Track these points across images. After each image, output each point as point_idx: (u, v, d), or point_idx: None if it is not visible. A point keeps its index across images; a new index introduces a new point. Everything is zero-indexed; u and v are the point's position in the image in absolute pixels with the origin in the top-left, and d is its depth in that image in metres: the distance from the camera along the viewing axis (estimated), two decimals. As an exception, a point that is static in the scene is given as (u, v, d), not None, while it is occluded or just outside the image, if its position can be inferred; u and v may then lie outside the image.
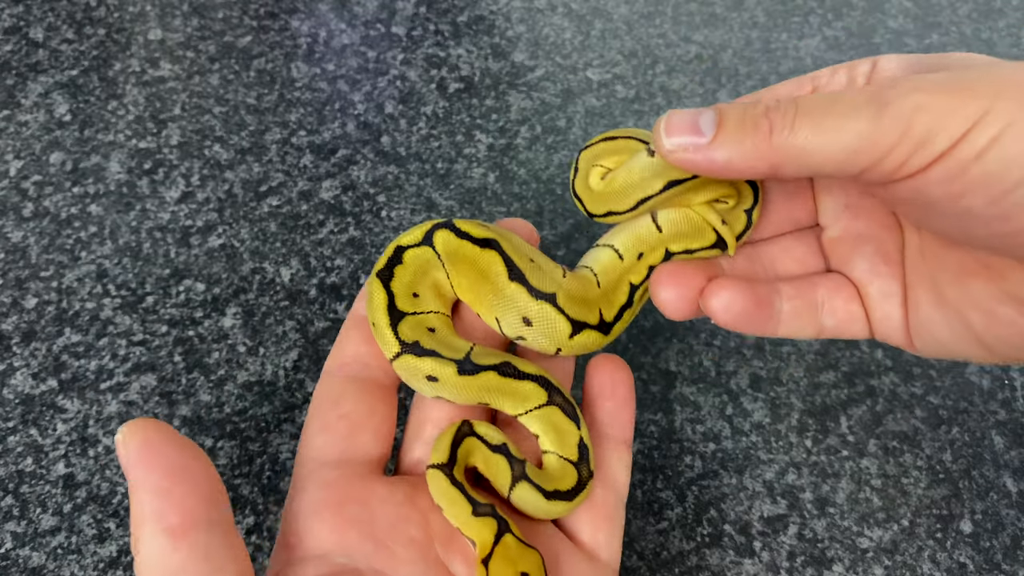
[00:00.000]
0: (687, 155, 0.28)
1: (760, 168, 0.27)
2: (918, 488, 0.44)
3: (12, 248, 0.51)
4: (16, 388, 0.45)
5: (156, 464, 0.24)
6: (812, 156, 0.26)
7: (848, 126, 0.25)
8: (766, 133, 0.26)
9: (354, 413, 0.31)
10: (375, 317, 0.32)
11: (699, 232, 0.33)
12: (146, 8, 0.64)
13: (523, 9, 0.66)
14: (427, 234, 0.32)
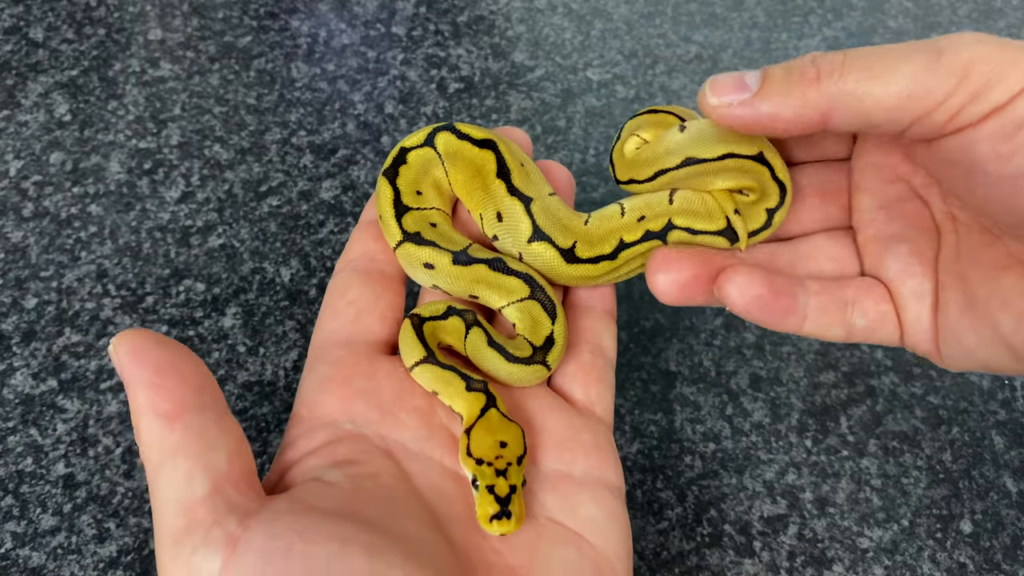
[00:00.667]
0: (733, 111, 0.27)
1: (809, 117, 0.26)
2: (918, 488, 0.44)
3: (12, 248, 0.51)
4: (16, 388, 0.45)
5: (146, 362, 0.26)
6: (863, 101, 0.25)
7: (902, 69, 0.25)
8: (814, 79, 0.26)
9: (360, 299, 0.33)
10: (382, 210, 0.34)
11: (709, 214, 0.33)
12: (146, 8, 0.64)
13: (523, 9, 0.66)
14: (429, 135, 0.34)
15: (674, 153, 0.32)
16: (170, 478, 0.25)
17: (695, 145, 0.31)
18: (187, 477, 0.25)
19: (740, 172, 0.32)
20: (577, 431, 0.33)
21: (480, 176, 0.34)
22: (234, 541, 0.24)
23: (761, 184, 0.32)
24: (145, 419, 0.26)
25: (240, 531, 0.24)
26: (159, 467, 0.25)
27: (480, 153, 0.34)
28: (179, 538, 0.24)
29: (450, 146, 0.34)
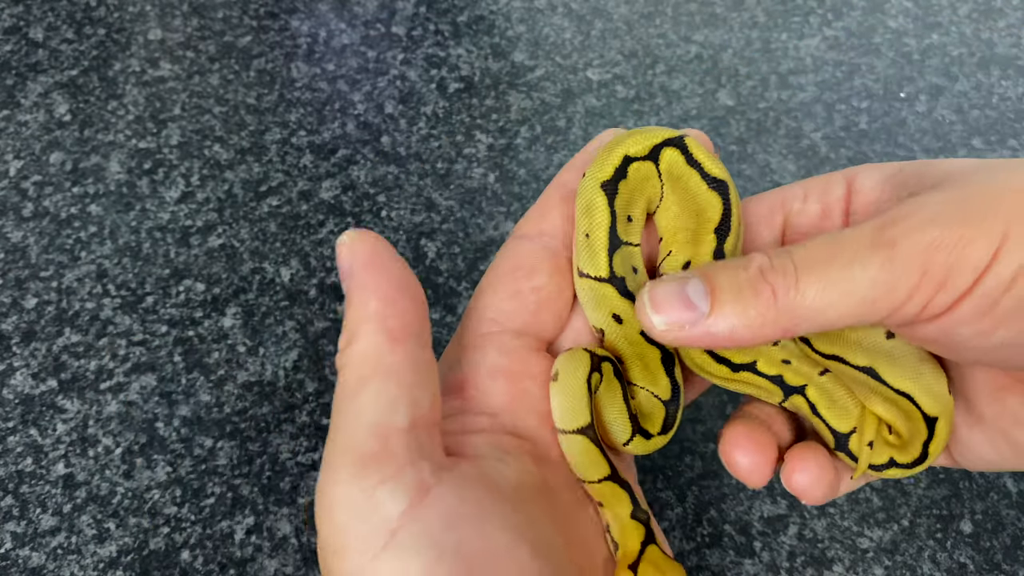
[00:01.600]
0: (683, 333, 0.25)
1: (770, 334, 0.25)
2: (918, 488, 0.44)
3: (12, 248, 0.51)
4: (16, 388, 0.45)
5: (384, 272, 0.25)
6: (826, 314, 0.24)
7: (859, 276, 0.23)
8: (769, 298, 0.24)
9: (546, 288, 0.30)
10: (595, 234, 0.30)
11: (845, 414, 0.30)
12: (146, 8, 0.64)
13: (523, 9, 0.66)
14: (655, 148, 0.30)
15: (863, 352, 0.29)
16: (376, 398, 0.24)
17: (888, 364, 0.29)
18: (392, 403, 0.24)
19: (901, 414, 0.29)
20: None
21: (696, 219, 0.30)
22: (425, 489, 0.23)
23: (910, 437, 0.30)
24: (369, 328, 0.24)
25: (433, 481, 0.24)
26: (365, 382, 0.24)
27: (708, 194, 0.30)
28: (367, 463, 0.23)
29: (676, 169, 0.30)
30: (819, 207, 0.30)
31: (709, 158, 0.30)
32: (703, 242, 0.30)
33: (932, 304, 0.23)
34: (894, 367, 0.29)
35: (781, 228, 0.31)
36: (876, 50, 0.65)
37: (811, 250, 0.24)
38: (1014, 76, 0.63)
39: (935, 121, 0.60)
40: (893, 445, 0.30)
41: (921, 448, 0.29)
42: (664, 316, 0.25)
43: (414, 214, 0.54)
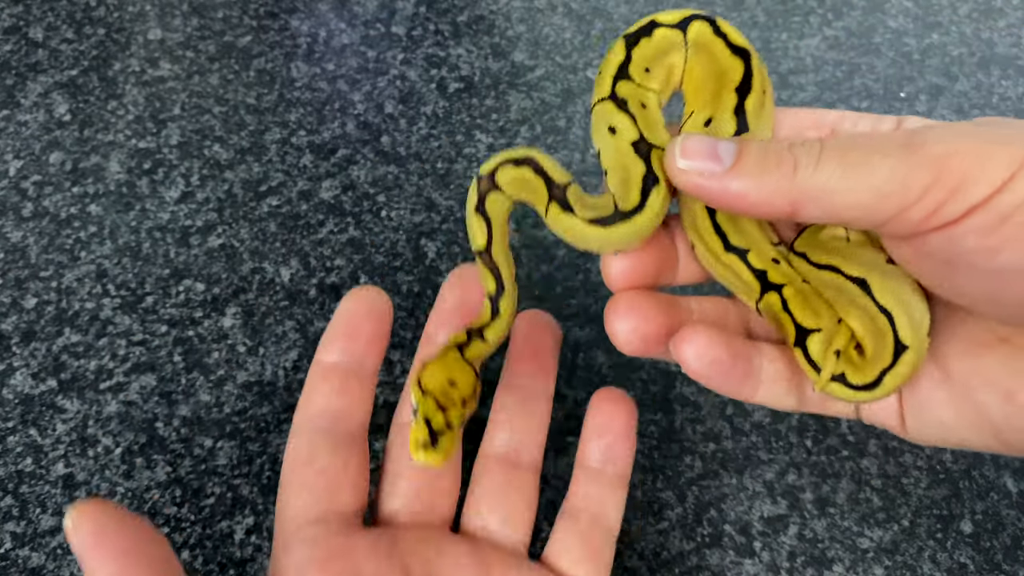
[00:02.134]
0: (700, 180, 0.26)
1: (778, 205, 0.25)
2: (918, 488, 0.44)
3: (11, 248, 0.51)
4: (15, 388, 0.45)
5: (110, 549, 0.26)
6: (836, 197, 0.24)
7: (877, 164, 0.24)
8: (789, 168, 0.25)
9: (330, 468, 0.32)
10: (603, 66, 0.32)
11: (815, 315, 0.30)
12: (146, 8, 0.64)
13: (523, 9, 0.66)
14: (685, 19, 0.32)
15: (859, 265, 0.29)
16: None
17: (880, 279, 0.29)
18: None
19: (875, 332, 0.29)
20: None
21: (718, 80, 0.31)
22: None
23: (872, 359, 0.29)
24: None
25: None
26: None
27: (731, 59, 0.31)
28: None
29: (703, 37, 0.31)
30: (869, 129, 0.30)
31: (735, 32, 0.31)
32: (724, 100, 0.30)
33: (941, 211, 0.23)
34: (885, 283, 0.29)
35: (828, 135, 0.31)
36: (876, 50, 0.65)
37: (842, 140, 0.25)
38: (1014, 76, 0.63)
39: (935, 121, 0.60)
40: (852, 362, 0.29)
41: (878, 374, 0.29)
42: (688, 160, 0.26)
43: (414, 214, 0.54)
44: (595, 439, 0.35)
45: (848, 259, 0.29)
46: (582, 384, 0.47)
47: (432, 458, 0.28)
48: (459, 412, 0.30)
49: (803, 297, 0.30)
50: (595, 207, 0.30)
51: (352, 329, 0.34)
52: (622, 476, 0.35)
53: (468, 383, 0.31)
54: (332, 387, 0.33)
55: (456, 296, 0.37)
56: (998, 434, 0.28)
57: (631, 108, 0.31)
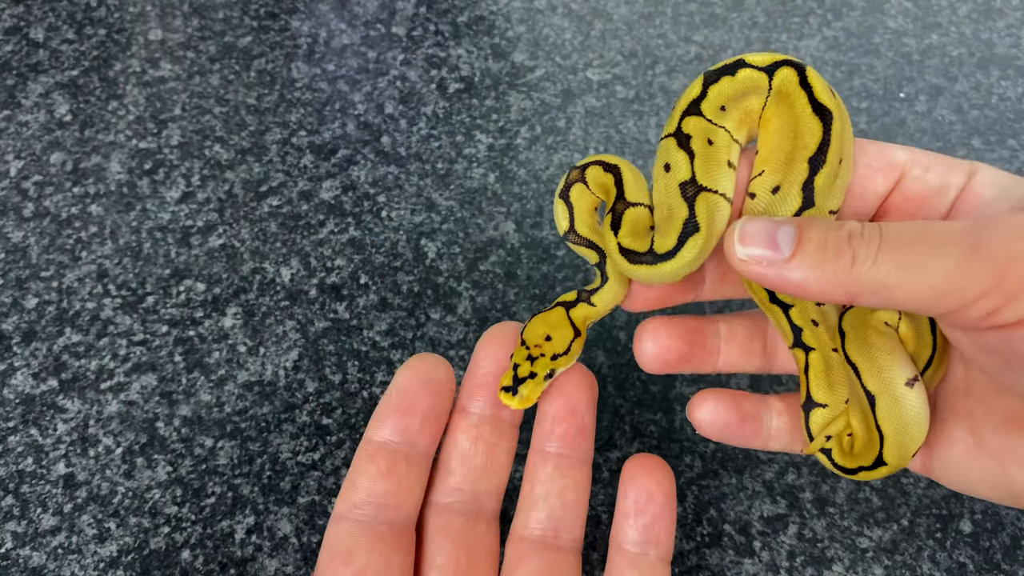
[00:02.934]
0: (759, 268, 0.26)
1: (836, 295, 0.25)
2: (918, 488, 0.44)
3: (12, 248, 0.51)
4: (16, 388, 0.45)
5: None
6: (893, 292, 0.24)
7: (935, 265, 0.23)
8: (848, 261, 0.24)
9: (368, 568, 0.29)
10: (678, 102, 0.31)
11: (830, 388, 0.32)
12: (146, 8, 0.64)
13: (523, 9, 0.66)
14: (774, 64, 0.31)
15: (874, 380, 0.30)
16: None
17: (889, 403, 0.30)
18: None
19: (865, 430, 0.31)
20: None
21: (793, 141, 0.30)
22: None
23: (864, 446, 0.31)
24: None
25: None
26: None
27: (811, 119, 0.29)
28: None
29: (787, 86, 0.30)
30: (938, 183, 0.29)
31: (823, 86, 0.29)
32: (795, 170, 0.29)
33: (998, 314, 0.23)
34: (891, 410, 0.29)
35: (895, 183, 0.30)
36: (876, 50, 0.65)
37: (902, 229, 0.25)
38: (1013, 76, 0.63)
39: (935, 121, 0.60)
40: (840, 445, 0.32)
41: (856, 467, 0.31)
42: (747, 248, 0.26)
43: (414, 214, 0.54)
44: (632, 518, 0.32)
45: (871, 365, 0.30)
46: (582, 384, 0.47)
47: (510, 401, 0.30)
48: (547, 365, 0.31)
49: (825, 368, 0.32)
50: (637, 236, 0.31)
51: (407, 404, 0.31)
52: (664, 559, 0.32)
53: (565, 339, 0.32)
54: (378, 469, 0.31)
55: (491, 361, 0.34)
56: (1018, 500, 0.29)
57: (693, 145, 0.30)
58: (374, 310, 0.49)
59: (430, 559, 0.31)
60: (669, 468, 0.33)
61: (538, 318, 0.33)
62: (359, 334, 0.48)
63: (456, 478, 0.33)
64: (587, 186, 0.33)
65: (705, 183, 0.30)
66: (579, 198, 0.33)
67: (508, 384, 0.31)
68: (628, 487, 0.32)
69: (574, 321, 0.33)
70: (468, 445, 0.33)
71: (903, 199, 0.30)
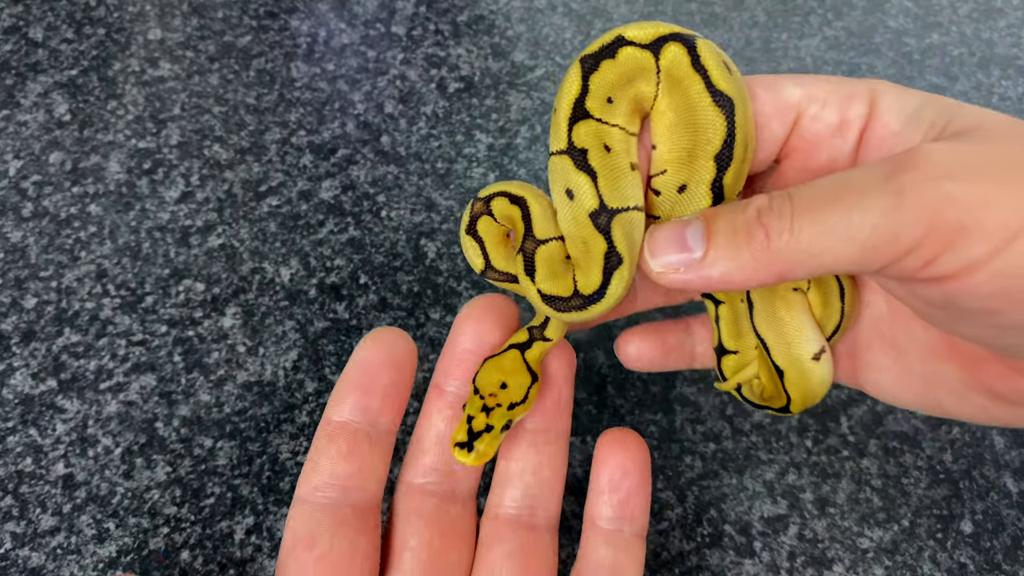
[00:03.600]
0: (678, 276, 0.25)
1: (763, 279, 0.24)
2: (918, 488, 0.44)
3: (11, 248, 0.51)
4: (15, 388, 0.45)
5: None
6: (820, 259, 0.22)
7: (858, 220, 0.21)
8: (763, 241, 0.23)
9: (332, 553, 0.28)
10: (557, 102, 0.28)
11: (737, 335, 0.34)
12: (146, 8, 0.64)
13: (523, 9, 0.66)
14: (658, 40, 0.27)
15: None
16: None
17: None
18: None
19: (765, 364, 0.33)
20: None
21: (694, 137, 0.27)
22: None
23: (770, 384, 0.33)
24: None
25: None
26: None
27: (711, 110, 0.26)
28: None
29: (678, 68, 0.26)
30: (837, 118, 0.27)
31: (719, 67, 0.26)
32: (701, 168, 0.27)
33: (937, 264, 0.21)
34: (765, 309, 0.31)
35: (791, 126, 0.28)
36: (876, 50, 0.65)
37: (813, 191, 0.23)
38: (1014, 76, 0.63)
39: (935, 121, 0.60)
40: (751, 388, 0.34)
41: (763, 404, 0.33)
42: (660, 258, 0.25)
43: (414, 214, 0.54)
44: (607, 494, 0.31)
45: (780, 341, 0.31)
46: (582, 384, 0.47)
47: (466, 459, 0.28)
48: (504, 416, 0.29)
49: (733, 318, 0.33)
50: (556, 278, 0.28)
51: (367, 381, 0.30)
52: (639, 534, 0.31)
53: (521, 387, 0.30)
54: (340, 451, 0.29)
55: (470, 337, 0.32)
56: (951, 415, 0.29)
57: (592, 162, 0.27)
58: (374, 310, 0.49)
59: (402, 541, 0.30)
60: (644, 443, 0.32)
61: (491, 364, 0.30)
62: (359, 334, 0.48)
63: (430, 458, 0.31)
64: (494, 218, 0.31)
65: (615, 204, 0.27)
66: (487, 231, 0.31)
67: (462, 440, 0.28)
68: (602, 463, 0.31)
69: (530, 364, 0.31)
70: (443, 426, 0.32)
71: (803, 141, 0.28)
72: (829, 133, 0.27)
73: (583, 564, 0.31)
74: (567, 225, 0.28)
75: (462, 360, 0.32)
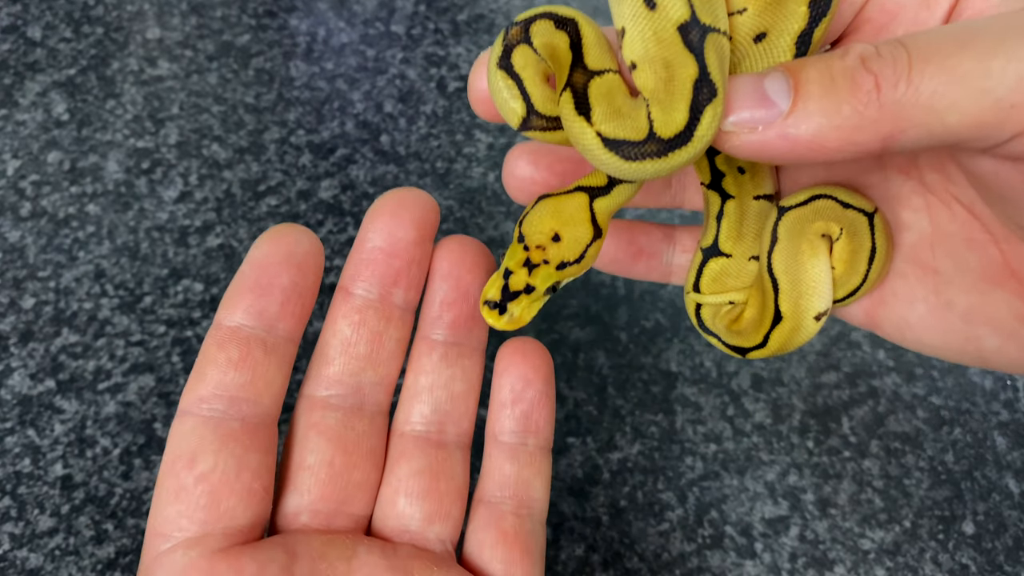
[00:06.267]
0: (754, 137, 0.20)
1: (867, 140, 0.19)
2: (920, 489, 0.44)
3: (10, 248, 0.50)
4: (14, 389, 0.45)
5: None
6: (944, 116, 0.18)
7: (1000, 69, 0.17)
8: (872, 91, 0.18)
9: (215, 472, 0.25)
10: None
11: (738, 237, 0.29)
12: (144, 7, 0.64)
13: (523, 8, 0.66)
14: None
15: None
16: None
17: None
18: None
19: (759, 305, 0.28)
20: None
21: None
22: None
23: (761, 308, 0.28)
24: None
25: None
26: None
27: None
28: None
29: None
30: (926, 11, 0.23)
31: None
32: (790, 13, 0.22)
33: None
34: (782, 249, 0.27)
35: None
36: (877, 49, 0.65)
37: (933, 37, 0.19)
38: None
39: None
40: (731, 329, 0.29)
41: (762, 337, 0.28)
42: (734, 116, 0.20)
43: (414, 214, 0.53)
44: (509, 407, 0.29)
45: (792, 289, 0.27)
46: (582, 384, 0.47)
47: (496, 321, 0.24)
48: (550, 276, 0.24)
49: (740, 217, 0.28)
50: (622, 116, 0.22)
51: (264, 281, 0.26)
52: (544, 447, 0.29)
53: (579, 241, 0.24)
54: (229, 358, 0.26)
55: (381, 235, 0.29)
56: (983, 360, 0.26)
57: None
58: (373, 310, 0.49)
59: (300, 458, 0.27)
60: (547, 352, 0.29)
61: (547, 205, 0.25)
62: (358, 334, 0.48)
63: (334, 368, 0.28)
64: (533, 49, 0.24)
65: (708, 20, 0.21)
66: (526, 66, 0.24)
67: (495, 298, 0.24)
68: (503, 374, 0.29)
69: (596, 216, 0.25)
70: (350, 332, 0.28)
71: (880, 11, 0.23)
72: (913, 3, 0.23)
73: (486, 483, 0.29)
74: (643, 44, 0.22)
75: (372, 259, 0.29)
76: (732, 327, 0.29)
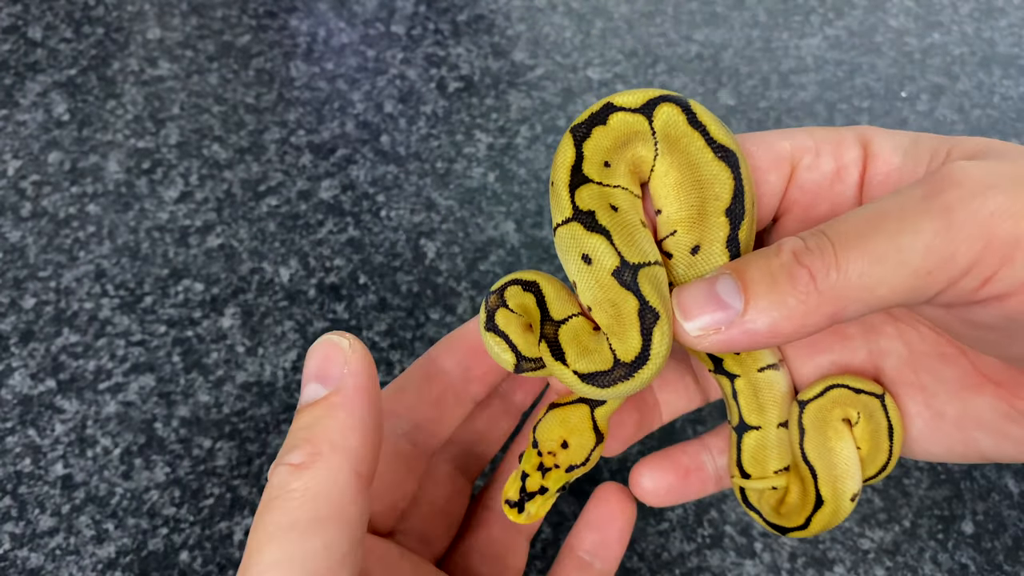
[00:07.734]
0: (720, 336, 0.22)
1: (816, 323, 0.22)
2: (919, 489, 0.44)
3: (10, 248, 0.51)
4: (14, 388, 0.45)
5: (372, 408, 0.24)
6: (876, 291, 0.21)
7: (909, 245, 0.20)
8: (808, 283, 0.21)
9: None
10: (555, 175, 0.27)
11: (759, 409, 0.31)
12: (145, 7, 0.64)
13: (523, 8, 0.66)
14: (649, 103, 0.26)
15: None
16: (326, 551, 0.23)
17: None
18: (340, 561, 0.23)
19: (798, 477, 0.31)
20: None
21: (700, 193, 0.26)
22: None
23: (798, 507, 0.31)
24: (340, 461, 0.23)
25: None
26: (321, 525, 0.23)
27: (715, 164, 0.26)
28: None
29: (675, 128, 0.26)
30: (833, 165, 0.26)
31: (715, 121, 0.26)
32: (713, 225, 0.26)
33: (996, 281, 0.20)
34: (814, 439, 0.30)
35: (788, 179, 0.27)
36: (877, 49, 0.65)
37: (849, 223, 0.22)
38: (1015, 75, 0.63)
39: (936, 120, 0.60)
40: (776, 510, 0.31)
41: (804, 520, 0.31)
42: (696, 321, 0.23)
43: (414, 214, 0.54)
44: (592, 529, 0.33)
45: (828, 475, 0.29)
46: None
47: (516, 518, 0.27)
48: (560, 479, 0.28)
49: (753, 391, 0.30)
50: (590, 353, 0.26)
51: None
52: (609, 572, 0.34)
53: (584, 447, 0.28)
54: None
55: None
56: (985, 458, 0.28)
57: (602, 220, 0.25)
58: (373, 310, 0.49)
59: None
60: (634, 503, 0.34)
61: (555, 415, 0.29)
62: (358, 334, 0.48)
63: None
64: (511, 310, 0.29)
65: (636, 259, 0.25)
66: (508, 324, 0.28)
67: (514, 498, 0.27)
68: (596, 503, 0.33)
69: (598, 423, 0.29)
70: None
71: (802, 193, 0.27)
72: (827, 181, 0.27)
73: None
74: (590, 293, 0.26)
75: None
76: (777, 509, 0.31)
